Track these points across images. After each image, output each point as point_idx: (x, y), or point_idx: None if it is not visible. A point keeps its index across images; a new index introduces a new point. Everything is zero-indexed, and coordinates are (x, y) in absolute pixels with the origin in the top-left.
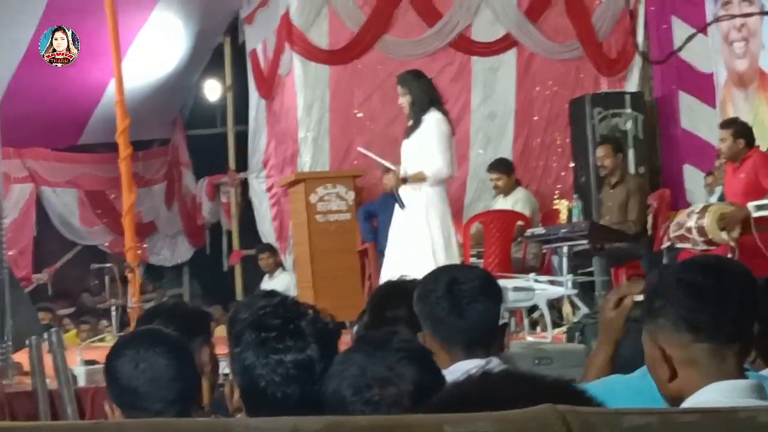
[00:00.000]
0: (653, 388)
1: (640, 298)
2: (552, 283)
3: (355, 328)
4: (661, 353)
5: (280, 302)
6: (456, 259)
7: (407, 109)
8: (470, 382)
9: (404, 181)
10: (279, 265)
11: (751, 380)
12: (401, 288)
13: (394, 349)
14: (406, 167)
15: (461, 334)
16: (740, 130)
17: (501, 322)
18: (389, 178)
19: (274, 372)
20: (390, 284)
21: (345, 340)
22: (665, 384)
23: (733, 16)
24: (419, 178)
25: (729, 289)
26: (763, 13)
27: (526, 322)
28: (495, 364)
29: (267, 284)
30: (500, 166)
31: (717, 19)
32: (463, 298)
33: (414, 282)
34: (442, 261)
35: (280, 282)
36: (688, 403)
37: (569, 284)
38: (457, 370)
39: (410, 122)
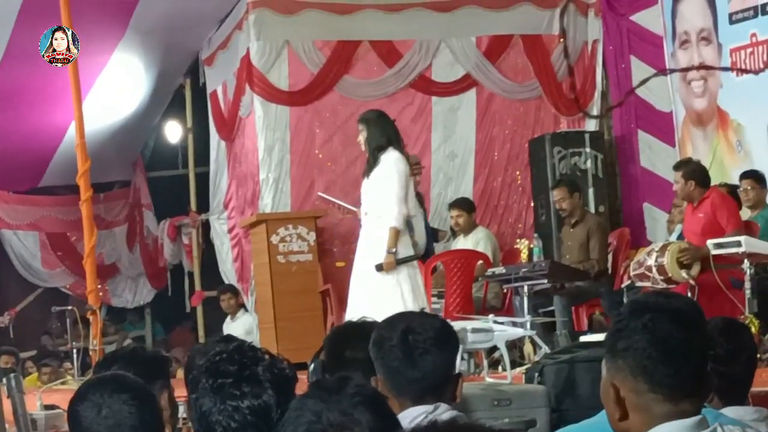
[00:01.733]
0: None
1: (601, 337)
2: (513, 323)
3: (312, 366)
4: (615, 394)
5: (236, 348)
6: (424, 300)
7: (364, 146)
8: None
9: (397, 261)
10: (241, 306)
11: (696, 417)
12: (360, 329)
13: (349, 394)
14: (366, 207)
15: (412, 385)
16: (689, 172)
17: (456, 371)
18: (389, 264)
19: (231, 418)
20: (349, 324)
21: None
22: (615, 421)
23: (683, 70)
24: (394, 238)
25: (694, 345)
26: (720, 68)
27: (485, 362)
28: (443, 410)
29: (229, 325)
30: (461, 204)
31: (674, 70)
32: (416, 348)
33: (373, 324)
34: (409, 301)
35: (242, 323)
36: None
37: (528, 325)
38: (404, 417)
39: (368, 161)
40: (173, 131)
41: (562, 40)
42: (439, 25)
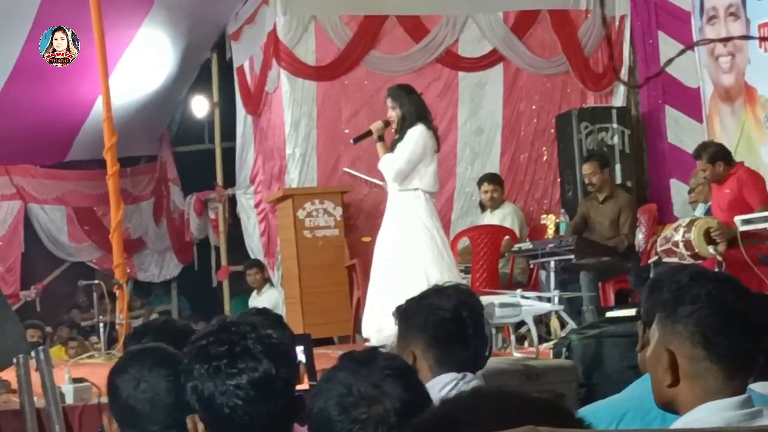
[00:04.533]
0: (642, 408)
1: (631, 312)
2: (539, 298)
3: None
4: (669, 359)
5: (219, 328)
6: (453, 273)
7: (396, 123)
8: (458, 401)
9: (381, 138)
10: (267, 280)
11: (741, 396)
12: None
13: (380, 366)
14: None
15: (455, 359)
16: (712, 154)
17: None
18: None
19: (236, 396)
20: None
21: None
22: (663, 388)
23: (711, 41)
24: (384, 153)
25: (754, 319)
26: (747, 37)
27: (513, 337)
28: (470, 378)
29: (255, 300)
30: (495, 178)
31: (701, 42)
32: (468, 327)
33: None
34: (434, 275)
35: (268, 298)
36: (681, 422)
37: (556, 300)
38: (435, 384)
39: (396, 137)
40: (200, 106)
41: (589, 15)
42: (466, 0)
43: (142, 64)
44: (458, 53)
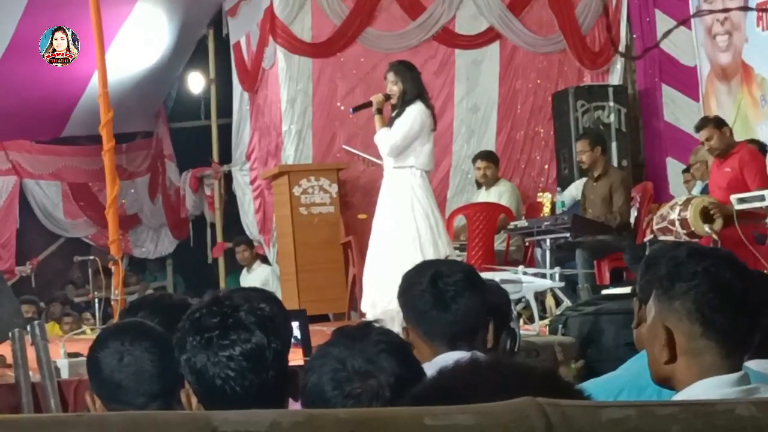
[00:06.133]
0: (638, 385)
1: (626, 290)
2: (542, 275)
3: None
4: (667, 336)
5: (212, 301)
6: (448, 250)
7: (396, 98)
8: (456, 372)
9: (380, 111)
10: (257, 258)
11: (738, 373)
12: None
13: (373, 341)
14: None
15: (444, 328)
16: (719, 121)
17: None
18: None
19: (228, 368)
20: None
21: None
22: (660, 364)
23: (710, 12)
24: (381, 126)
25: (752, 296)
26: (745, 8)
27: (514, 314)
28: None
29: (245, 278)
30: (489, 156)
31: (697, 14)
32: (446, 291)
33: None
34: (429, 253)
35: (258, 275)
36: (677, 399)
37: (555, 277)
38: (439, 362)
39: (394, 113)
40: (196, 82)
41: None
42: None
43: (138, 40)
44: (455, 31)
